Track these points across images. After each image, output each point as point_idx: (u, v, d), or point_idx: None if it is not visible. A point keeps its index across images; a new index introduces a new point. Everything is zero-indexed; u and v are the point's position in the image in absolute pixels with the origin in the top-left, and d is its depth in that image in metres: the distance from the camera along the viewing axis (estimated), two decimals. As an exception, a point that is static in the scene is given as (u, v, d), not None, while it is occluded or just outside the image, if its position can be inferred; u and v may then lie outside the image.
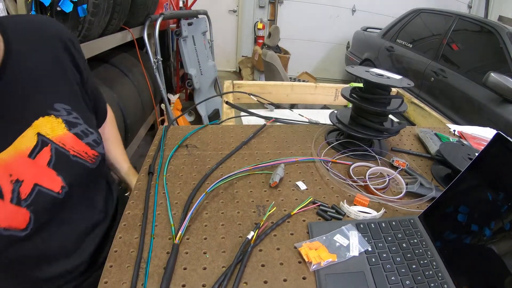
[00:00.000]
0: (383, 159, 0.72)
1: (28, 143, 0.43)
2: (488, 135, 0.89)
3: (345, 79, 4.68)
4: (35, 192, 0.42)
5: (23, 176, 0.41)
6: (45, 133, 0.45)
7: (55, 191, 0.45)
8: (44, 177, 0.44)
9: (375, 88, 0.70)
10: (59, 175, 0.46)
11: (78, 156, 0.49)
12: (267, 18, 4.32)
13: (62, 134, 0.47)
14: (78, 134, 0.50)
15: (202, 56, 2.64)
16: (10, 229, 0.39)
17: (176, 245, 0.46)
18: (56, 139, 0.46)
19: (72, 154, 0.48)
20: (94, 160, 0.52)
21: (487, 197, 0.44)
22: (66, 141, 0.48)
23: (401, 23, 3.27)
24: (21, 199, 0.41)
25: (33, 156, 0.43)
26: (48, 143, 0.45)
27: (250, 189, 0.60)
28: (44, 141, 0.45)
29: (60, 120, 0.48)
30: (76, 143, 0.49)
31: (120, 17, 1.47)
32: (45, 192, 0.43)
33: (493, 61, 2.20)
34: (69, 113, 0.49)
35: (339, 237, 0.48)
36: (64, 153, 0.47)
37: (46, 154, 0.44)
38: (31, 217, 0.41)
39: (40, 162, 0.44)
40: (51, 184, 0.45)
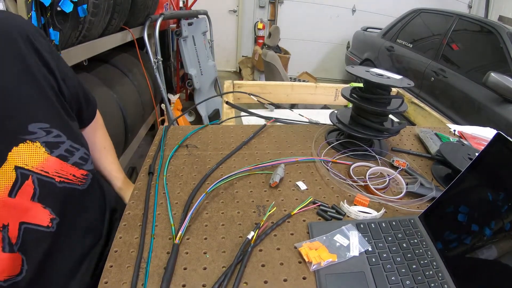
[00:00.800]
0: (383, 159, 0.72)
1: (5, 181, 0.37)
2: (488, 135, 0.89)
3: (345, 79, 4.68)
4: (22, 232, 0.38)
5: (7, 219, 0.37)
6: (23, 164, 0.39)
7: (43, 225, 0.41)
8: (29, 213, 0.39)
9: (375, 88, 0.70)
10: (46, 207, 0.41)
11: (66, 181, 0.44)
12: (267, 18, 4.32)
13: (42, 160, 0.41)
14: (62, 156, 0.44)
15: (202, 56, 2.64)
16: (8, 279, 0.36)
17: (176, 245, 0.46)
18: (37, 168, 0.40)
19: (58, 180, 0.43)
20: (84, 181, 0.48)
21: (487, 197, 0.44)
22: (49, 167, 0.42)
23: (401, 23, 3.27)
24: (13, 244, 0.37)
25: (13, 195, 0.38)
26: (29, 175, 0.39)
27: (250, 189, 0.60)
28: (24, 174, 0.39)
29: (38, 144, 0.41)
30: (61, 167, 0.44)
31: (120, 17, 1.47)
32: (32, 229, 0.39)
33: (493, 61, 2.20)
34: (48, 132, 0.43)
35: (339, 237, 0.48)
36: (49, 182, 0.42)
37: (28, 188, 0.39)
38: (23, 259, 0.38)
39: (23, 198, 0.39)
40: (38, 219, 0.40)
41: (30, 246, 0.39)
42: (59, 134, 0.44)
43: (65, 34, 1.07)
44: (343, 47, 4.43)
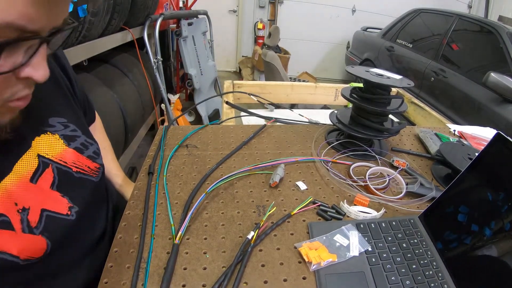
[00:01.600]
0: (383, 159, 0.72)
1: (28, 167, 0.39)
2: (488, 135, 0.89)
3: (345, 79, 4.68)
4: (44, 218, 0.39)
5: (28, 203, 0.38)
6: (44, 153, 0.42)
7: (63, 214, 0.42)
8: (49, 201, 0.41)
9: (375, 88, 0.70)
10: (64, 196, 0.43)
11: (82, 172, 0.47)
12: (267, 18, 4.32)
13: (61, 151, 0.44)
14: (78, 148, 0.47)
15: (202, 56, 2.64)
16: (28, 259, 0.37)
17: (176, 245, 0.46)
18: (56, 158, 0.43)
19: (75, 171, 0.45)
20: (97, 173, 0.50)
21: (487, 197, 0.44)
22: (67, 157, 0.45)
23: (401, 23, 3.27)
24: (32, 227, 0.38)
25: (34, 181, 0.40)
26: (49, 164, 0.42)
27: (250, 189, 0.60)
28: (45, 162, 0.41)
29: (57, 136, 0.44)
30: (78, 158, 0.46)
31: (120, 17, 1.47)
32: (54, 216, 0.41)
33: (493, 61, 2.20)
34: (65, 127, 0.46)
35: (339, 237, 0.48)
36: (67, 172, 0.44)
37: (48, 176, 0.41)
38: (48, 244, 0.39)
39: (43, 185, 0.41)
40: (57, 207, 0.42)
41: (54, 232, 0.40)
42: (75, 129, 0.48)
43: (65, 34, 1.07)
44: (343, 47, 4.43)
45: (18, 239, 0.36)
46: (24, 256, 0.36)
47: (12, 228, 0.36)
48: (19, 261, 0.36)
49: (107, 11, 1.29)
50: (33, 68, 0.30)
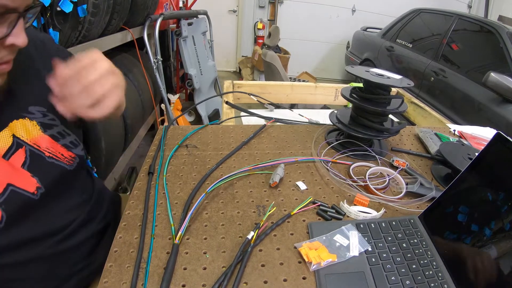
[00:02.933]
0: (383, 159, 0.72)
1: (3, 144, 0.44)
2: (488, 135, 0.89)
3: (345, 79, 4.68)
4: (8, 192, 0.43)
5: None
6: (20, 135, 0.46)
7: (30, 191, 0.45)
8: (18, 178, 0.44)
9: (375, 88, 0.70)
10: (34, 176, 0.46)
11: (54, 157, 0.49)
12: (267, 18, 4.32)
13: (37, 136, 0.48)
14: (53, 136, 0.50)
15: (202, 56, 2.64)
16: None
17: (176, 245, 0.46)
18: (31, 141, 0.47)
19: (47, 155, 0.49)
20: (71, 162, 0.52)
21: (487, 197, 0.44)
22: (41, 142, 0.48)
23: (401, 23, 3.27)
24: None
25: (7, 157, 0.44)
26: (23, 145, 0.46)
27: (250, 189, 0.60)
28: (19, 143, 0.45)
29: (35, 123, 0.48)
30: (52, 145, 0.50)
31: (120, 17, 1.47)
32: (18, 192, 0.44)
33: (493, 61, 2.20)
34: (44, 115, 0.50)
35: (339, 237, 0.48)
36: (39, 155, 0.47)
37: (20, 156, 0.45)
38: (2, 216, 0.42)
39: (15, 163, 0.44)
40: (26, 185, 0.45)
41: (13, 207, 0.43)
42: (54, 119, 0.52)
43: (65, 34, 1.07)
44: (343, 47, 4.43)
45: None
46: None
47: None
48: None
49: (107, 11, 1.29)
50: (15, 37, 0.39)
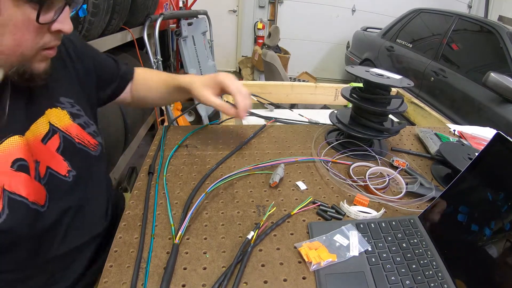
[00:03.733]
0: (383, 159, 0.72)
1: (41, 130, 0.47)
2: (488, 135, 0.89)
3: (345, 79, 4.68)
4: (48, 174, 0.46)
5: (39, 157, 0.45)
6: (54, 122, 0.50)
7: (62, 174, 0.49)
8: (53, 161, 0.48)
9: (375, 88, 0.70)
10: (65, 160, 0.50)
11: (82, 143, 0.54)
12: (267, 18, 4.32)
13: (68, 124, 0.52)
14: (81, 125, 0.54)
15: (202, 56, 2.64)
16: (35, 203, 0.43)
17: (176, 245, 0.46)
18: (63, 128, 0.51)
19: (77, 142, 0.53)
20: (96, 148, 0.56)
21: (487, 197, 0.44)
22: (71, 130, 0.52)
23: (401, 23, 3.27)
24: (41, 177, 0.45)
25: (45, 142, 0.47)
26: (57, 131, 0.50)
27: (250, 189, 0.60)
28: (54, 129, 0.49)
29: (65, 112, 0.52)
30: (80, 132, 0.54)
31: (120, 17, 1.47)
32: (54, 174, 0.47)
33: (493, 61, 2.20)
34: (72, 106, 0.54)
35: (339, 237, 0.48)
36: (71, 141, 0.51)
37: (56, 141, 0.49)
38: (46, 195, 0.45)
39: (51, 147, 0.48)
40: (59, 168, 0.49)
41: (53, 188, 0.46)
42: (80, 110, 0.55)
43: (65, 34, 1.07)
44: (343, 47, 4.43)
45: (30, 183, 0.42)
46: (32, 199, 0.42)
47: (28, 173, 0.42)
48: (28, 203, 0.41)
49: (107, 11, 1.29)
50: (62, 23, 0.41)
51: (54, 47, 0.44)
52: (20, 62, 0.41)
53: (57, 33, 0.42)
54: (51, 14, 0.39)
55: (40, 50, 0.42)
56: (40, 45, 0.41)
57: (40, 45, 0.41)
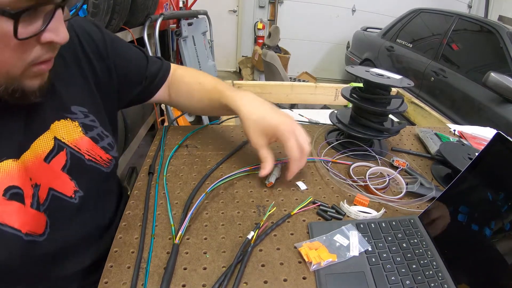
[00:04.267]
0: (383, 159, 0.72)
1: (44, 147, 0.42)
2: (488, 135, 0.89)
3: (345, 79, 4.68)
4: (50, 197, 0.42)
5: (40, 180, 0.40)
6: (61, 137, 0.44)
7: (67, 195, 0.44)
8: (58, 181, 0.43)
9: (375, 88, 0.70)
10: (72, 179, 0.45)
11: (93, 160, 0.48)
12: (267, 18, 4.32)
13: (78, 137, 0.46)
14: (94, 138, 0.49)
15: (202, 56, 2.64)
16: (31, 234, 0.38)
17: (176, 245, 0.46)
18: (72, 143, 0.46)
19: (87, 158, 0.47)
20: (108, 164, 0.51)
21: (487, 197, 0.44)
22: (82, 145, 0.47)
23: (401, 23, 3.27)
24: (40, 204, 0.40)
25: (48, 161, 0.42)
26: (64, 148, 0.44)
27: (250, 189, 0.60)
28: (60, 146, 0.44)
29: (77, 123, 0.47)
30: (92, 147, 0.48)
31: (120, 17, 1.47)
32: (58, 196, 0.43)
33: (493, 61, 2.20)
34: (86, 116, 0.48)
35: (339, 237, 0.48)
36: (79, 158, 0.46)
37: (61, 159, 0.44)
38: (47, 222, 0.41)
39: (55, 166, 0.43)
40: (64, 188, 0.44)
41: (55, 212, 0.42)
42: (94, 120, 0.50)
43: (65, 34, 1.07)
44: (343, 47, 4.43)
45: (24, 213, 0.37)
46: (25, 230, 0.37)
47: (22, 201, 0.37)
48: (22, 235, 0.37)
49: (107, 11, 1.29)
50: (53, 33, 0.33)
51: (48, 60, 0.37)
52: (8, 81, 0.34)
53: (49, 44, 0.34)
54: (38, 23, 0.32)
55: (30, 66, 0.35)
56: (29, 61, 0.34)
57: (29, 61, 0.34)
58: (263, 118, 0.55)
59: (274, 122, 0.54)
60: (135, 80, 0.60)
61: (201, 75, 0.67)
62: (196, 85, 0.65)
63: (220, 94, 0.60)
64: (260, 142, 0.55)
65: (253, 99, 0.59)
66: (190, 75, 0.67)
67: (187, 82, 0.66)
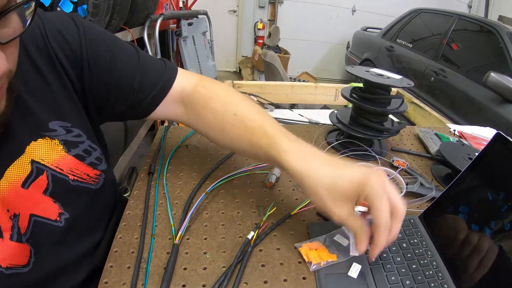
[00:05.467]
0: (383, 159, 0.72)
1: (20, 173, 0.37)
2: (488, 135, 0.89)
3: (345, 79, 4.68)
4: (32, 224, 0.38)
5: (18, 209, 0.37)
6: (40, 158, 0.39)
7: (52, 219, 0.40)
8: (40, 206, 0.39)
9: (375, 88, 0.70)
10: (56, 202, 0.41)
11: (79, 180, 0.43)
12: (267, 18, 4.32)
13: (59, 157, 0.41)
14: (78, 156, 0.44)
15: (202, 56, 2.64)
16: (12, 267, 0.36)
17: (176, 245, 0.46)
18: (53, 164, 0.40)
19: (72, 178, 0.42)
20: (97, 181, 0.47)
21: (487, 197, 0.44)
22: (64, 164, 0.42)
23: (401, 23, 3.27)
24: (21, 234, 0.37)
25: (26, 186, 0.38)
26: (44, 170, 0.39)
27: (250, 189, 0.60)
28: (39, 168, 0.39)
29: (57, 142, 0.41)
30: (76, 166, 0.43)
31: (120, 17, 1.47)
32: (41, 222, 0.39)
33: (493, 61, 2.20)
34: (68, 131, 0.42)
35: (339, 237, 0.48)
36: (62, 179, 0.41)
37: (42, 183, 0.39)
38: (31, 251, 0.38)
39: (34, 191, 0.39)
40: (47, 213, 0.40)
41: (39, 239, 0.39)
42: (80, 134, 0.44)
43: (65, 34, 1.07)
44: (343, 47, 4.43)
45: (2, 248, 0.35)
46: (5, 264, 0.35)
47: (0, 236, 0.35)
48: (2, 270, 0.34)
49: (107, 11, 1.29)
50: None
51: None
52: None
53: None
54: None
55: None
56: None
57: None
58: (340, 177, 0.40)
59: (358, 178, 0.39)
60: (118, 95, 0.48)
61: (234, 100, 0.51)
62: (230, 117, 0.49)
63: (270, 142, 0.45)
64: (345, 212, 0.41)
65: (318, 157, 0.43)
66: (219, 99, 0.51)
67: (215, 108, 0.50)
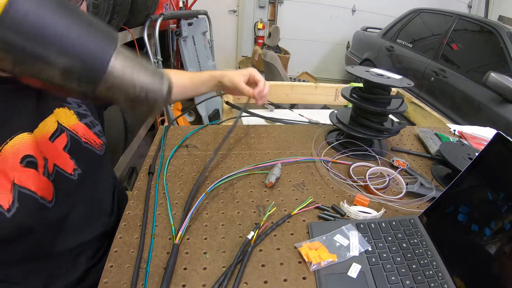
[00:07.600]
0: (383, 159, 0.72)
1: (50, 128, 0.48)
2: (488, 135, 0.89)
3: (345, 79, 4.68)
4: (55, 171, 0.47)
5: (47, 155, 0.46)
6: (62, 121, 0.50)
7: (68, 172, 0.49)
8: (60, 159, 0.49)
9: (375, 88, 0.70)
10: (72, 158, 0.50)
11: (88, 143, 0.55)
12: (267, 18, 4.32)
13: (74, 123, 0.53)
14: (87, 124, 0.56)
15: (202, 56, 2.64)
16: (43, 198, 0.44)
17: (176, 245, 0.46)
18: (70, 127, 0.52)
19: (84, 141, 0.54)
20: (101, 148, 0.57)
21: (487, 197, 0.44)
22: (78, 129, 0.53)
23: (401, 23, 3.27)
24: (49, 174, 0.45)
25: (52, 140, 0.48)
26: (64, 130, 0.50)
27: (250, 189, 0.60)
28: (62, 128, 0.50)
29: (72, 112, 0.53)
30: (86, 132, 0.55)
31: (120, 17, 1.47)
32: (61, 173, 0.48)
33: (493, 61, 2.20)
34: (79, 106, 0.56)
35: (339, 237, 0.48)
36: (77, 140, 0.52)
37: (63, 139, 0.50)
38: (54, 192, 0.46)
39: (58, 145, 0.49)
40: (65, 166, 0.49)
41: (59, 186, 0.47)
42: (86, 110, 0.57)
43: (65, 34, 1.07)
44: (343, 47, 4.42)
45: (38, 179, 0.43)
46: (40, 194, 0.43)
47: (36, 169, 0.43)
48: (37, 198, 0.42)
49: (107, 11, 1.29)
50: None
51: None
52: None
53: None
54: None
55: None
56: None
57: None
58: (240, 70, 0.73)
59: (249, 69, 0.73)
60: None
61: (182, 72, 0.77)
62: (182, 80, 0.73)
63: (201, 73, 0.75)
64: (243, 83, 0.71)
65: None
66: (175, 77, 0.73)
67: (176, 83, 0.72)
